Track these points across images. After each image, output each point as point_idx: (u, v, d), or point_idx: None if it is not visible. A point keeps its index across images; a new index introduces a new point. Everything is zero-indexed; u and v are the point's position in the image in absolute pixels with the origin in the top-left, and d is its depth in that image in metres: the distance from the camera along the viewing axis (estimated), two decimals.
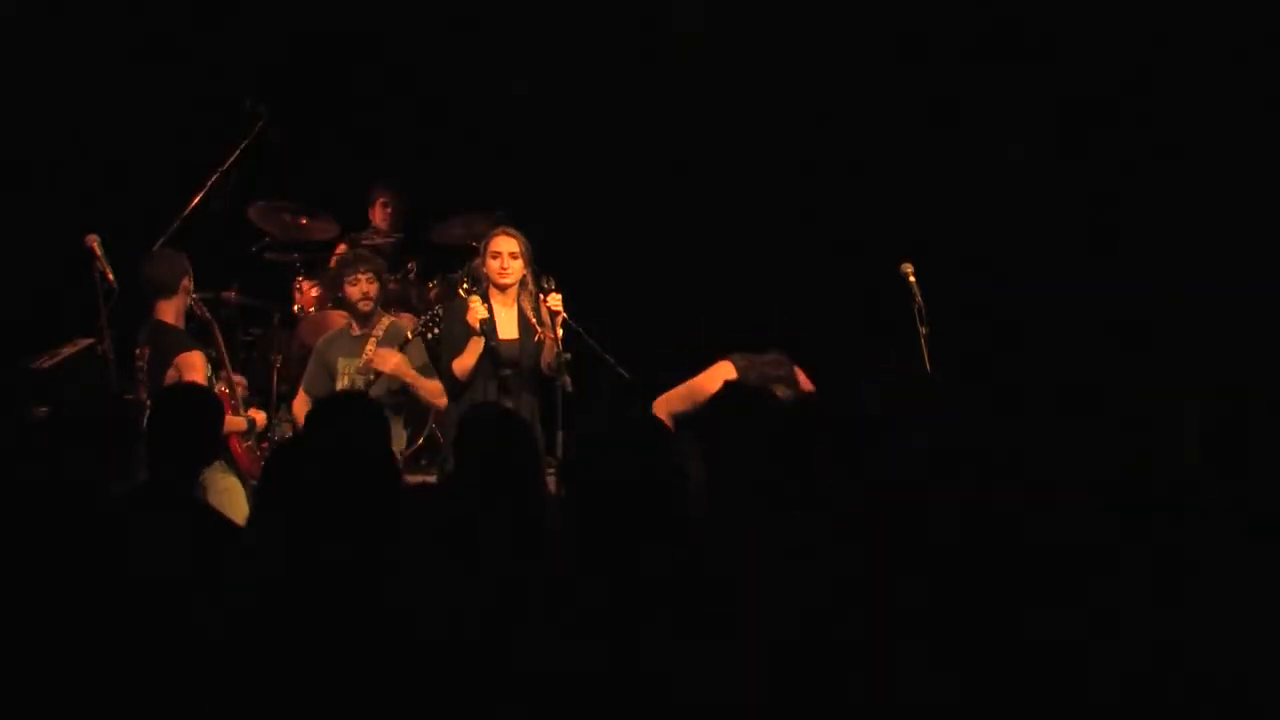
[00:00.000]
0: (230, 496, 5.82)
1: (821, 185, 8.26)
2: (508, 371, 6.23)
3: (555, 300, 6.20)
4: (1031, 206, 7.90)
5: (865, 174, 8.17)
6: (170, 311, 6.19)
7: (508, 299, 6.29)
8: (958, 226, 7.90)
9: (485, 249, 6.31)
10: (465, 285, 6.26)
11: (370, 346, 6.75)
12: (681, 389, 6.47)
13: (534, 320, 6.28)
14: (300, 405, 6.85)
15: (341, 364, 6.78)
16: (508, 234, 6.34)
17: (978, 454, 3.79)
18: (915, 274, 6.49)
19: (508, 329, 6.26)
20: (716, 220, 8.28)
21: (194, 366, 5.99)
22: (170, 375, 5.97)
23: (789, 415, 3.88)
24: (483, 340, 6.08)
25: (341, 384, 6.71)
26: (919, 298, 6.43)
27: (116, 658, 3.13)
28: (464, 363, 6.12)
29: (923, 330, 6.37)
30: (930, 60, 8.07)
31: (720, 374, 6.39)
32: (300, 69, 8.66)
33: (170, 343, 6.07)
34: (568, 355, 6.60)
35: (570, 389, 6.41)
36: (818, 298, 8.02)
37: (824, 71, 8.26)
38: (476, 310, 6.07)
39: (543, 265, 7.27)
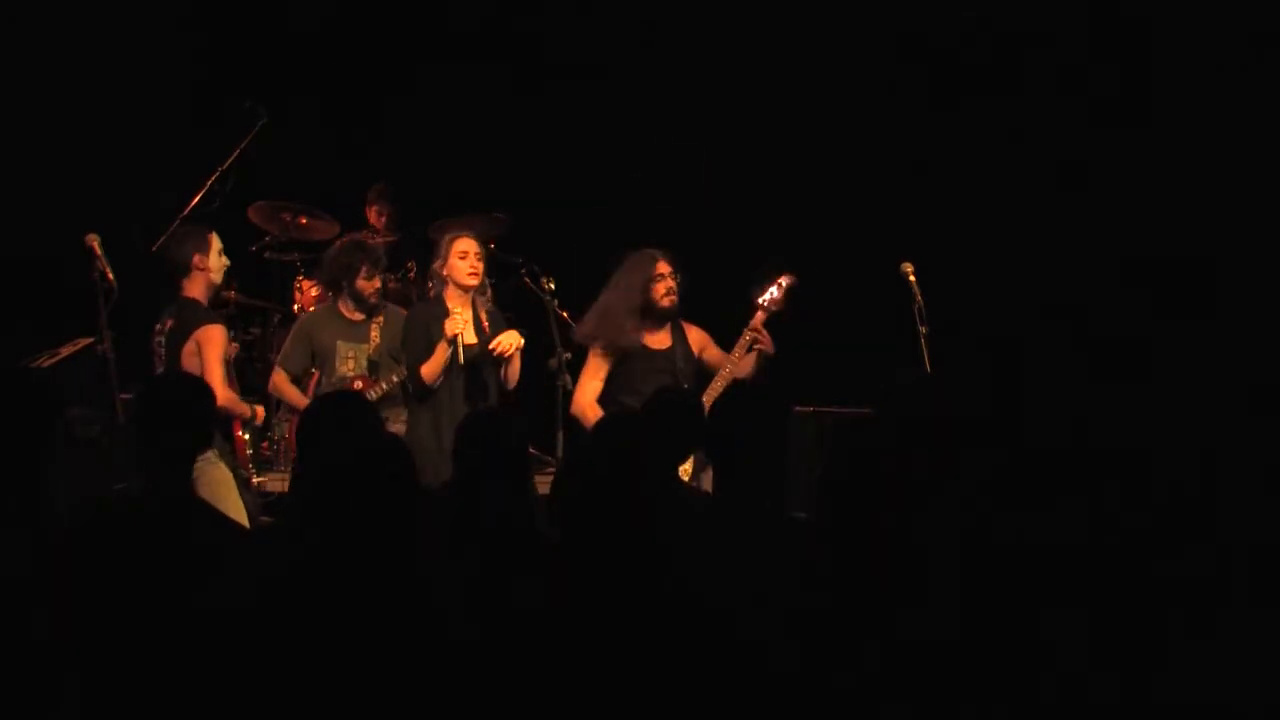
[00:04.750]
0: (222, 489, 5.60)
1: (821, 184, 8.27)
2: (466, 376, 6.25)
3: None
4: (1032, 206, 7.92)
5: (865, 173, 8.18)
6: (194, 289, 6.11)
7: (464, 301, 6.30)
8: (957, 226, 7.92)
9: (449, 250, 6.29)
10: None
11: (375, 333, 6.78)
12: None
13: (486, 323, 6.31)
14: (283, 382, 6.84)
15: (343, 347, 6.79)
16: (471, 236, 6.38)
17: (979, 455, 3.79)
18: (915, 274, 6.50)
19: (467, 332, 6.28)
20: (715, 220, 8.29)
21: (213, 341, 5.85)
22: (189, 348, 5.90)
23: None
24: (449, 349, 6.11)
25: (346, 368, 6.72)
26: (919, 298, 6.43)
27: (119, 659, 3.13)
28: (433, 369, 6.13)
29: (923, 330, 6.37)
30: (929, 60, 8.09)
31: (593, 356, 6.41)
32: (300, 69, 8.66)
33: (191, 316, 5.99)
34: (568, 355, 6.61)
35: (570, 388, 6.43)
36: (817, 297, 8.02)
37: (823, 70, 8.27)
38: (456, 322, 6.11)
39: (542, 265, 7.30)
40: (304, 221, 8.16)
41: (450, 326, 6.09)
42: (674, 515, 3.86)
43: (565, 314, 7.09)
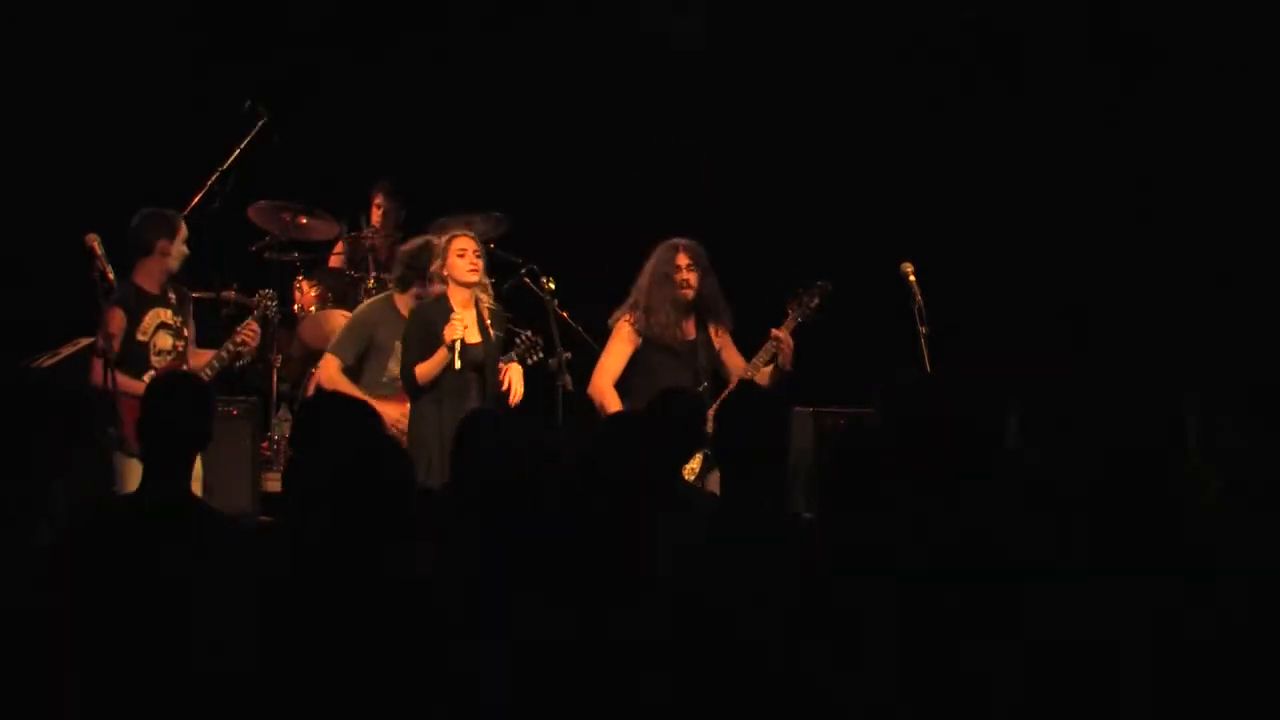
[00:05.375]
0: (131, 478, 5.56)
1: (821, 184, 8.27)
2: (470, 374, 6.26)
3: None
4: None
5: (865, 173, 8.19)
6: (144, 273, 6.17)
7: (467, 300, 6.31)
8: (958, 226, 7.93)
9: (447, 249, 6.32)
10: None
11: None
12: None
13: (490, 323, 6.32)
14: (337, 372, 6.69)
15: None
16: (468, 234, 6.40)
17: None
18: (915, 274, 6.50)
19: (469, 332, 6.29)
20: (715, 220, 8.28)
21: (108, 320, 5.95)
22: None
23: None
24: (448, 355, 6.12)
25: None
26: (919, 297, 6.43)
27: (118, 660, 3.12)
28: (429, 370, 6.15)
29: (923, 330, 6.38)
30: (929, 59, 8.10)
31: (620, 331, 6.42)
32: (300, 69, 8.66)
33: (115, 297, 6.06)
34: (568, 355, 6.61)
35: (570, 388, 6.43)
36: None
37: (824, 70, 8.27)
38: (456, 328, 6.13)
39: (542, 265, 7.30)
40: (304, 221, 8.15)
41: (449, 333, 6.11)
42: (675, 514, 3.87)
43: (565, 314, 7.09)
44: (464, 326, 6.18)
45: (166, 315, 6.28)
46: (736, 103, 8.43)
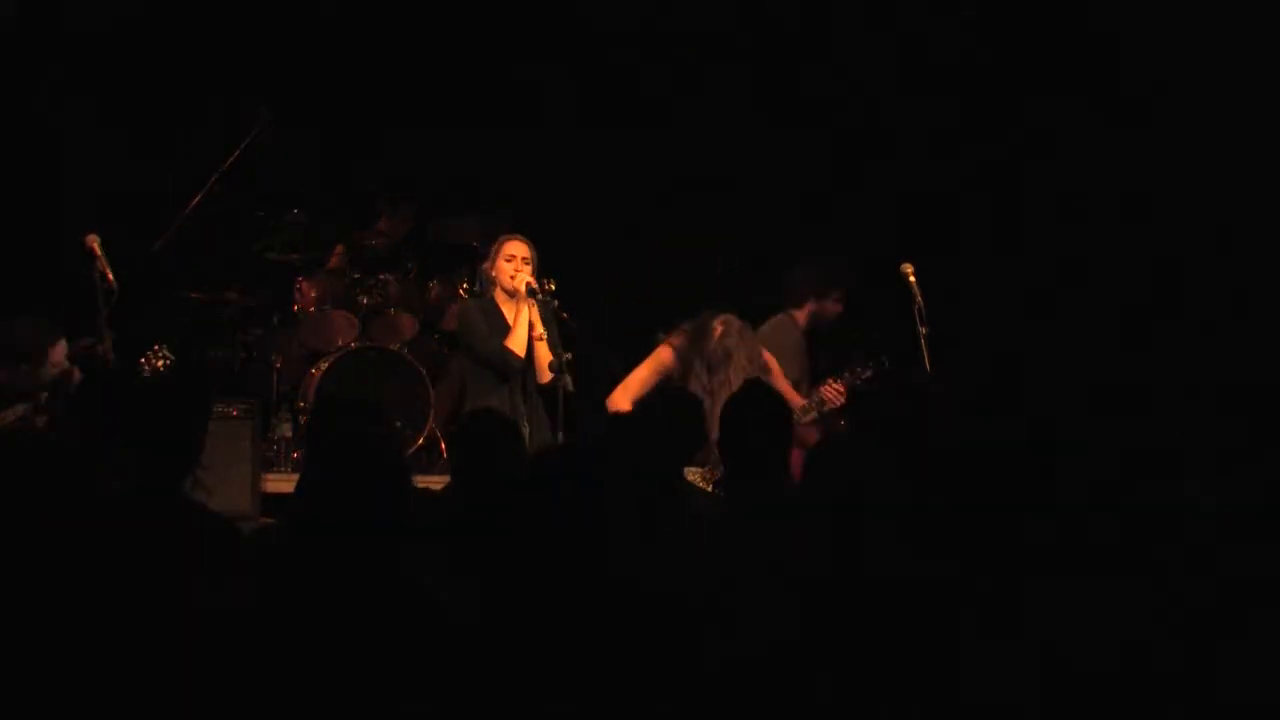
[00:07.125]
0: None
1: (821, 184, 8.27)
2: (517, 376, 6.24)
3: None
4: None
5: (865, 174, 8.19)
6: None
7: (513, 305, 6.29)
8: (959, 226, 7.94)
9: (497, 252, 6.30)
10: (466, 285, 6.27)
11: None
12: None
13: (538, 331, 6.29)
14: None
15: None
16: (520, 239, 6.35)
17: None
18: (915, 274, 6.50)
19: (518, 335, 6.27)
20: (717, 220, 8.29)
21: None
22: None
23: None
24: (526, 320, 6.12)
25: None
26: (919, 298, 6.43)
27: (114, 662, 3.12)
28: (519, 337, 6.15)
29: (923, 330, 6.37)
30: (928, 58, 8.11)
31: (661, 355, 6.22)
32: (301, 68, 8.67)
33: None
34: (568, 355, 6.60)
35: (572, 389, 6.41)
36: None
37: (823, 70, 8.27)
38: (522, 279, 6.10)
39: (544, 265, 7.30)
40: (303, 222, 8.09)
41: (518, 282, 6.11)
42: (675, 514, 3.88)
43: (565, 315, 7.09)
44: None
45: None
46: (736, 102, 8.43)
